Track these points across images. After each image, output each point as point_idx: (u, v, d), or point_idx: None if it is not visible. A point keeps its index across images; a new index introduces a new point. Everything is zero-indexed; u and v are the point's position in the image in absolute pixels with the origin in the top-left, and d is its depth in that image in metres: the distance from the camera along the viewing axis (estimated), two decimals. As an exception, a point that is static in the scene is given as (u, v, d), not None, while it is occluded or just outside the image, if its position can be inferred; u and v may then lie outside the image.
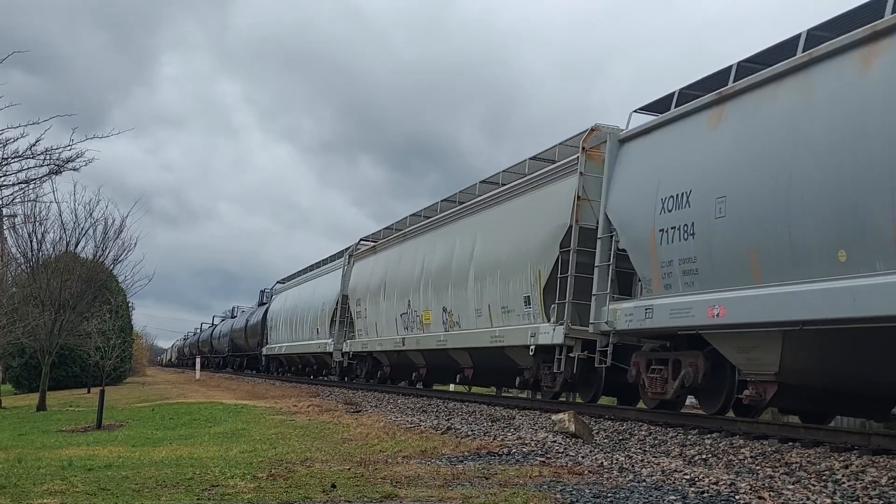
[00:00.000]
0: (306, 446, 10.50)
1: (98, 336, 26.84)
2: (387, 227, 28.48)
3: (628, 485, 7.07)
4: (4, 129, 11.50)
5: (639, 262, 13.35)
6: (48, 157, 12.03)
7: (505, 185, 19.24)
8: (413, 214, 26.29)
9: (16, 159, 11.87)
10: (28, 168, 12.24)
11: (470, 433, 11.29)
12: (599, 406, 15.88)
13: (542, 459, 8.72)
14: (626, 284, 14.21)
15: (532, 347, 16.21)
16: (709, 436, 11.13)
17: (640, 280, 13.53)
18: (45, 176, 12.69)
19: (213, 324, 78.54)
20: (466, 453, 9.26)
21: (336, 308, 31.56)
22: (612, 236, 14.15)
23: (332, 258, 35.91)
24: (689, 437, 11.18)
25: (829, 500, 6.46)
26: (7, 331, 23.50)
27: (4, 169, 11.93)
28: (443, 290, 21.48)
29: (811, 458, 8.95)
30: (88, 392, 32.18)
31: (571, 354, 15.12)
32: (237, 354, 58.64)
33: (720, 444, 10.30)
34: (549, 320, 15.77)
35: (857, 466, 8.22)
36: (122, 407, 22.24)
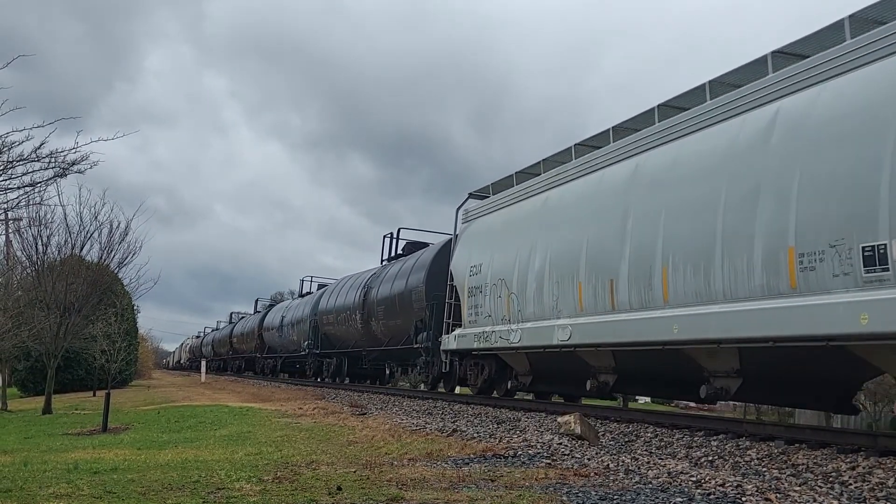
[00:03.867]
0: (312, 449, 10.49)
1: (103, 339, 26.89)
2: None
3: (634, 487, 7.06)
4: (9, 132, 11.51)
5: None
6: (53, 159, 12.03)
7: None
8: None
9: (21, 162, 11.87)
10: (33, 171, 12.24)
11: (475, 435, 11.28)
12: (605, 408, 15.84)
13: (548, 461, 8.71)
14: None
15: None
16: (715, 437, 11.11)
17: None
18: (50, 179, 12.69)
19: (256, 310, 56.64)
20: (472, 455, 9.25)
21: None
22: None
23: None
24: (696, 438, 11.16)
25: (835, 502, 6.45)
26: (13, 334, 23.54)
27: (10, 172, 11.93)
28: None
29: (818, 459, 8.93)
30: (94, 395, 32.26)
31: None
32: (333, 353, 34.24)
33: (726, 446, 10.27)
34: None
35: (863, 468, 8.19)
36: (127, 410, 22.26)
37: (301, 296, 45.91)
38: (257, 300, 59.45)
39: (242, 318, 60.72)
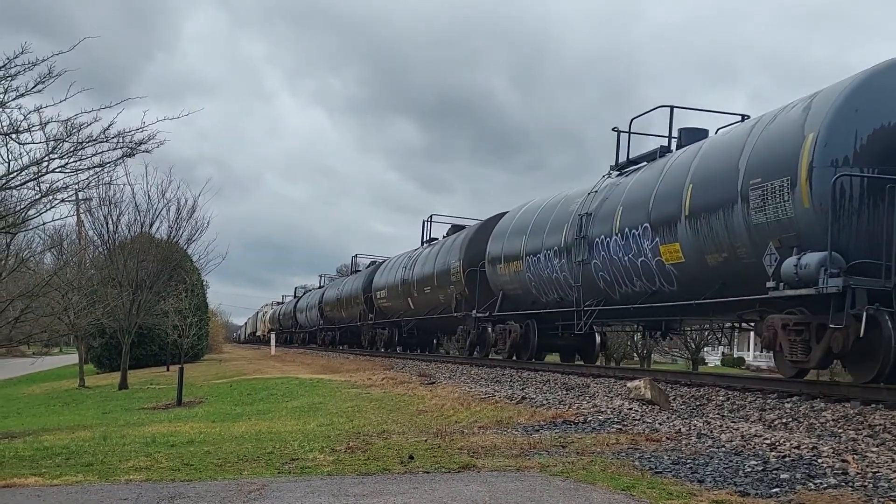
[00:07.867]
0: (382, 419, 10.58)
1: (175, 315, 27.38)
2: None
3: (707, 451, 6.99)
4: (78, 113, 11.69)
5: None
6: (121, 139, 12.21)
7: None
8: None
9: (90, 143, 12.07)
10: (102, 151, 12.43)
11: (545, 402, 11.27)
12: (674, 372, 15.71)
13: (619, 427, 8.67)
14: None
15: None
16: (788, 399, 10.94)
17: None
18: (118, 159, 12.89)
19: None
20: (542, 423, 9.25)
21: None
22: None
23: None
24: (768, 401, 11.00)
25: (916, 463, 6.30)
26: (87, 312, 24.09)
27: (79, 153, 12.14)
28: None
29: (895, 419, 8.74)
30: (167, 370, 32.92)
31: None
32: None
33: (800, 408, 10.11)
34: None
35: (944, 428, 8.01)
36: (200, 384, 22.70)
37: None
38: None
39: (356, 272, 43.38)
